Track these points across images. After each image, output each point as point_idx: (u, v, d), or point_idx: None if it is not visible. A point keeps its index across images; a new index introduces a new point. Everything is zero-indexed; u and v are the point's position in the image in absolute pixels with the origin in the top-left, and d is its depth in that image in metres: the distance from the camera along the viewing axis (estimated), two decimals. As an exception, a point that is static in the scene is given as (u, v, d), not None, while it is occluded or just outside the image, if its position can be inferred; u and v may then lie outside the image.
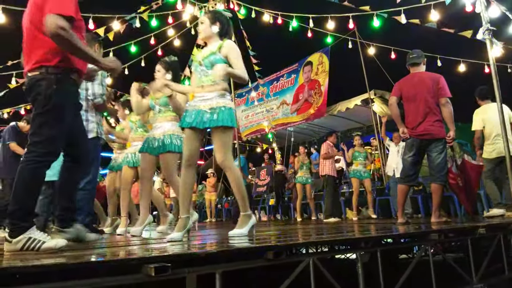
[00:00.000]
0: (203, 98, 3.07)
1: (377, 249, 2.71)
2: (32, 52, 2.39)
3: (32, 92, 2.36)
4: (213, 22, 3.19)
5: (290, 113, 11.82)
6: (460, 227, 3.66)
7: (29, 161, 2.28)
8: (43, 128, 2.32)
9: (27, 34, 2.43)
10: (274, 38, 11.46)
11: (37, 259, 1.81)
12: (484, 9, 4.09)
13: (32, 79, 2.36)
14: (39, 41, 2.36)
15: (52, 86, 2.32)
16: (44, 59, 2.35)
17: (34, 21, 2.36)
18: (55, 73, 2.35)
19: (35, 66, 2.36)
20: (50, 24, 2.20)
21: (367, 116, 10.14)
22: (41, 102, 2.32)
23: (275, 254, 2.10)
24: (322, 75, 10.88)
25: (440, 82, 4.28)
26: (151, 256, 1.80)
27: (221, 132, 3.00)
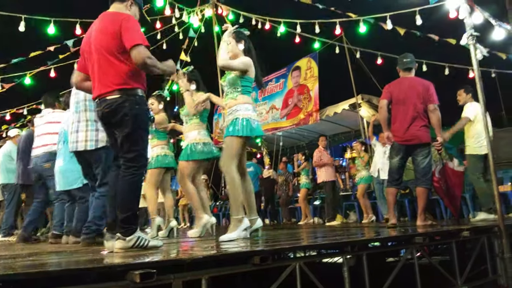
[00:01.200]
0: (228, 113, 3.46)
1: (363, 252, 2.74)
2: (106, 77, 2.63)
3: (117, 114, 2.61)
4: (238, 41, 3.50)
5: (280, 118, 11.85)
6: (444, 230, 3.72)
7: (132, 175, 2.62)
8: (135, 145, 2.66)
9: (98, 60, 2.65)
10: (263, 43, 11.51)
11: (21, 267, 1.79)
12: (468, 16, 4.16)
13: (115, 102, 2.60)
14: (114, 66, 2.62)
15: (135, 107, 2.62)
16: (122, 82, 2.61)
17: (108, 48, 2.61)
18: (133, 95, 2.64)
19: (112, 89, 2.61)
20: (138, 55, 2.52)
21: (355, 121, 10.22)
22: (129, 122, 2.60)
23: (262, 259, 2.11)
24: (311, 80, 10.93)
25: (430, 89, 4.39)
26: (136, 262, 1.80)
27: (227, 140, 3.35)
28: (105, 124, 2.77)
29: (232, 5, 7.96)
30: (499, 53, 6.51)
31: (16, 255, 2.76)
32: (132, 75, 2.64)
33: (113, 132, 2.75)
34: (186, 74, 4.34)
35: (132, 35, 2.57)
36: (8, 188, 6.15)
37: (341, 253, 2.73)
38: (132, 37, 2.56)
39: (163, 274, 1.80)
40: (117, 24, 2.61)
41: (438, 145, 4.48)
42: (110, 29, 2.62)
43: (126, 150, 2.66)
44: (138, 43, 2.54)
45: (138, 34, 2.61)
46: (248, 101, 3.44)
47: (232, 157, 3.30)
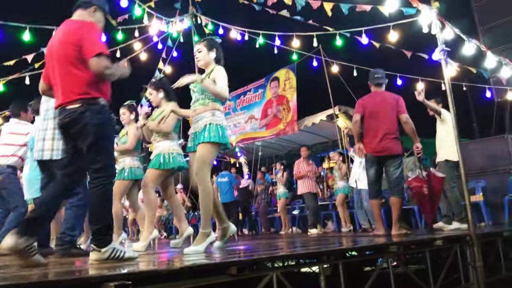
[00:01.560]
0: (195, 120, 3.34)
1: (339, 262, 2.77)
2: (67, 86, 2.60)
3: (77, 124, 2.57)
4: (210, 49, 3.42)
5: (259, 128, 11.91)
6: (418, 239, 3.79)
7: (99, 186, 2.58)
8: (99, 154, 2.60)
9: (59, 69, 2.62)
10: (241, 53, 11.59)
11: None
12: (439, 31, 4.31)
13: (75, 112, 2.56)
14: (74, 75, 2.58)
15: (97, 116, 2.57)
16: (82, 92, 2.57)
17: (68, 57, 2.58)
18: (94, 104, 2.60)
19: (73, 99, 2.57)
20: (96, 66, 2.49)
21: (332, 131, 10.36)
22: (90, 132, 2.55)
23: (239, 269, 2.11)
24: (290, 91, 11.06)
25: (400, 101, 4.64)
26: (111, 274, 1.78)
27: (201, 147, 3.20)
28: (63, 133, 2.72)
29: (211, 16, 8.01)
30: (469, 67, 6.74)
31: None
32: (93, 85, 2.61)
33: (70, 142, 2.69)
34: (153, 83, 4.24)
35: (91, 45, 2.54)
36: None
37: (318, 262, 2.76)
38: (91, 47, 2.53)
39: (138, 286, 1.78)
40: (78, 33, 2.59)
41: (418, 150, 4.65)
42: (71, 38, 2.60)
43: (91, 160, 2.62)
44: (97, 52, 2.51)
45: (98, 44, 2.57)
46: (219, 108, 3.35)
47: (207, 165, 3.19)
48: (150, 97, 4.26)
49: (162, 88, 4.22)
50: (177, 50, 8.74)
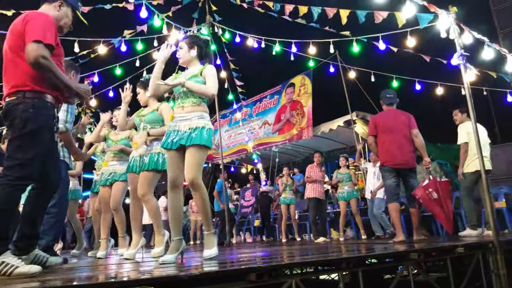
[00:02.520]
0: (182, 118, 3.15)
1: (358, 269, 2.75)
2: (9, 77, 2.43)
3: (9, 116, 2.37)
4: (191, 46, 3.32)
5: (272, 133, 11.93)
6: (439, 246, 3.73)
7: (2, 185, 2.26)
8: (18, 152, 2.32)
9: (5, 60, 2.47)
10: (258, 61, 11.66)
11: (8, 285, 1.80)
12: (458, 36, 4.27)
13: (9, 104, 2.38)
14: (17, 66, 2.40)
15: (28, 110, 2.34)
16: (21, 84, 2.38)
17: (13, 47, 2.42)
18: (31, 98, 2.38)
19: (12, 91, 2.39)
20: (31, 52, 2.27)
21: (350, 137, 10.31)
22: (17, 126, 2.33)
23: (258, 275, 2.12)
24: (305, 96, 11.07)
25: (412, 118, 4.94)
26: (133, 280, 1.81)
27: (196, 150, 3.02)
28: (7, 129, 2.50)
29: (228, 25, 8.11)
30: (490, 72, 6.64)
31: None
32: (33, 77, 2.38)
33: None
34: (142, 82, 4.15)
35: (33, 31, 2.33)
36: None
37: (337, 269, 2.75)
38: (32, 33, 2.32)
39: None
40: (24, 22, 2.40)
41: (427, 164, 4.93)
42: (17, 28, 2.42)
43: (7, 155, 2.35)
44: (35, 39, 2.29)
45: (40, 31, 2.33)
46: (207, 109, 3.23)
47: (201, 169, 3.07)
48: (138, 96, 4.15)
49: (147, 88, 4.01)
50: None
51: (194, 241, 11.26)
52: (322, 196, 7.83)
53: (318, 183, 7.78)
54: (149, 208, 3.89)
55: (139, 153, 4.01)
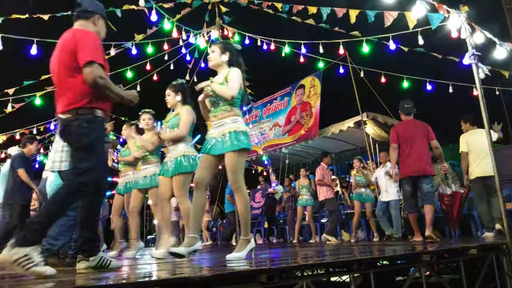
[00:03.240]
0: (217, 125, 3.30)
1: (370, 271, 2.74)
2: (62, 95, 2.61)
3: (65, 132, 2.61)
4: (223, 51, 3.40)
5: (282, 134, 11.93)
6: (451, 248, 3.69)
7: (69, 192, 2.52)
8: (77, 163, 2.57)
9: (58, 78, 2.64)
10: (268, 63, 11.67)
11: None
12: (469, 35, 4.23)
13: (66, 121, 2.58)
14: (69, 84, 2.57)
15: (83, 126, 2.55)
16: (74, 101, 2.56)
17: (63, 65, 2.59)
18: (84, 114, 2.57)
19: (66, 109, 2.57)
20: (89, 75, 2.47)
21: (360, 138, 10.25)
22: (74, 140, 2.58)
23: (268, 277, 2.12)
24: (314, 97, 11.04)
25: (429, 129, 5.28)
26: (144, 281, 1.82)
27: (232, 155, 3.15)
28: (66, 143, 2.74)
29: (237, 27, 8.13)
30: (502, 71, 6.56)
31: (5, 275, 2.76)
32: (88, 94, 2.56)
33: None
34: (173, 85, 4.30)
35: (86, 52, 2.50)
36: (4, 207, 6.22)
37: (349, 271, 2.73)
38: (85, 54, 2.49)
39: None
40: (74, 41, 2.55)
41: (445, 170, 5.54)
42: (68, 47, 2.57)
43: (71, 167, 2.64)
44: (90, 60, 2.47)
45: (92, 52, 2.52)
46: (239, 113, 3.32)
47: (242, 172, 3.19)
48: (167, 98, 4.31)
49: (180, 92, 4.27)
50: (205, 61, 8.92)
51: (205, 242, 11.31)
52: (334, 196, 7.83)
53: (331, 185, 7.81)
54: (182, 209, 4.10)
55: (168, 158, 4.20)
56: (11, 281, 2.36)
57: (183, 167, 4.02)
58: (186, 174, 4.04)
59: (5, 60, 7.14)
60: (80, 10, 2.80)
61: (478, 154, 5.46)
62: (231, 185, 3.19)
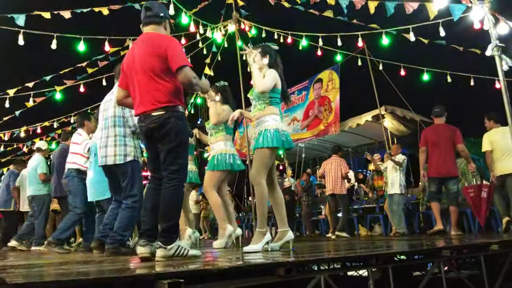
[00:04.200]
0: (256, 124, 3.53)
1: (388, 266, 2.71)
2: (151, 94, 2.81)
3: (162, 128, 2.78)
4: (263, 55, 3.58)
5: (300, 129, 11.86)
6: (472, 243, 3.63)
7: (174, 186, 2.78)
8: (179, 158, 2.83)
9: (144, 80, 2.83)
10: (285, 56, 11.60)
11: (54, 275, 1.86)
12: (492, 26, 4.12)
13: (160, 118, 2.77)
14: (160, 85, 2.80)
15: (178, 123, 2.80)
16: (167, 100, 2.79)
17: (154, 69, 2.80)
18: (176, 111, 2.82)
19: (159, 106, 2.78)
20: (186, 78, 2.74)
21: (378, 132, 10.14)
22: (172, 136, 2.78)
23: (286, 270, 2.13)
24: (332, 91, 10.92)
25: (457, 133, 5.65)
26: (165, 272, 1.84)
27: (257, 152, 3.39)
28: (147, 138, 2.90)
29: (254, 20, 8.09)
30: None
31: (48, 264, 2.86)
32: (175, 93, 2.83)
33: (154, 147, 2.89)
34: (215, 86, 4.54)
35: (177, 57, 2.77)
36: (36, 200, 6.36)
37: (366, 266, 2.71)
38: (178, 60, 2.76)
39: (190, 284, 1.84)
40: (163, 47, 2.79)
41: (473, 170, 5.87)
42: (156, 52, 2.80)
43: (169, 163, 2.81)
44: (183, 64, 2.74)
45: (183, 56, 2.83)
46: (275, 112, 3.49)
47: (262, 169, 3.34)
48: (208, 96, 4.53)
49: (220, 92, 4.54)
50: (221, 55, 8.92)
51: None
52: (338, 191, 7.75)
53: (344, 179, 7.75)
54: (210, 203, 4.46)
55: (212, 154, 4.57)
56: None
57: (219, 164, 4.35)
58: (220, 172, 4.37)
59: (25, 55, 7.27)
60: (152, 15, 2.99)
61: (502, 152, 5.59)
62: (251, 178, 3.40)
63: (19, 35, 5.97)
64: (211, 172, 4.40)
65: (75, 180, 5.09)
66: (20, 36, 5.99)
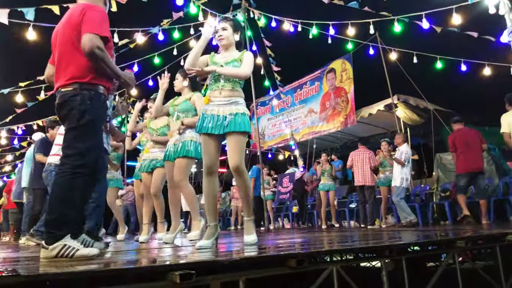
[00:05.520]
0: (221, 102, 3.12)
1: (402, 257, 2.68)
2: (65, 68, 2.50)
3: (65, 107, 2.45)
4: (235, 30, 3.31)
5: (319, 121, 11.78)
6: (488, 234, 3.56)
7: (63, 173, 2.37)
8: (77, 141, 2.42)
9: (60, 51, 2.55)
10: (295, 46, 11.48)
11: (70, 266, 1.87)
12: (508, 11, 4.01)
13: (66, 95, 2.45)
14: (73, 58, 2.48)
15: (86, 102, 2.43)
16: (78, 76, 2.46)
17: (68, 39, 2.50)
18: (88, 89, 2.46)
19: (68, 82, 2.46)
20: (87, 43, 2.35)
21: (391, 122, 10.02)
22: (75, 116, 2.41)
23: (298, 262, 2.10)
24: (347, 82, 10.81)
25: (480, 134, 6.38)
26: (176, 263, 1.84)
27: (239, 136, 3.05)
28: (58, 117, 2.60)
29: (263, 9, 8.00)
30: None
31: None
32: (91, 69, 2.47)
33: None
34: (183, 70, 4.19)
35: (91, 24, 2.42)
36: (29, 191, 6.38)
37: (379, 257, 2.68)
38: (90, 26, 2.41)
39: (202, 275, 1.83)
40: (80, 14, 2.47)
41: None
42: (73, 20, 2.49)
43: (66, 145, 2.45)
44: (92, 31, 2.38)
45: (96, 23, 2.44)
46: (243, 95, 3.22)
47: (244, 153, 3.11)
48: (175, 82, 4.29)
49: (188, 78, 4.19)
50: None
51: (235, 227, 11.41)
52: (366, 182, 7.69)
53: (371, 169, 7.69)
54: (185, 194, 3.99)
55: (173, 141, 4.10)
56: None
57: (189, 151, 3.94)
58: (189, 159, 3.96)
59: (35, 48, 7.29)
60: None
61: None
62: (236, 166, 3.02)
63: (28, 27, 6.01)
64: (183, 160, 3.93)
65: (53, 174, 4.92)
66: (30, 28, 6.02)
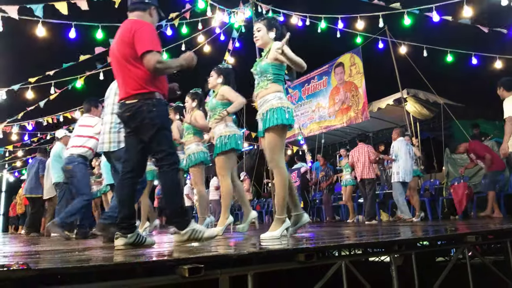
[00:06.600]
0: (259, 104, 3.27)
1: (411, 252, 2.66)
2: (126, 82, 2.76)
3: (136, 119, 2.72)
4: (270, 28, 3.30)
5: (328, 116, 11.71)
6: (498, 228, 3.53)
7: (165, 173, 2.74)
8: (160, 145, 2.75)
9: (119, 67, 2.80)
10: (303, 40, 11.42)
11: (76, 261, 1.89)
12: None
13: (133, 107, 2.71)
14: (131, 73, 2.72)
15: (152, 109, 2.69)
16: (139, 88, 2.71)
17: (124, 56, 2.74)
18: (150, 98, 2.71)
19: (131, 94, 2.72)
20: (148, 63, 2.62)
21: (400, 116, 9.94)
22: (149, 125, 2.69)
23: (307, 256, 2.10)
24: (357, 76, 10.68)
25: None
26: (185, 257, 1.84)
27: (267, 135, 3.15)
28: (126, 126, 2.86)
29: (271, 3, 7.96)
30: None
31: (71, 250, 2.91)
32: (148, 80, 2.72)
33: (132, 135, 2.82)
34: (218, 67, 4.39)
35: (143, 42, 2.66)
36: (60, 186, 6.50)
37: (388, 252, 2.67)
38: (142, 45, 2.65)
39: (210, 269, 1.84)
40: (132, 32, 2.70)
41: None
42: (126, 37, 2.72)
43: (154, 151, 2.78)
44: (147, 49, 2.63)
45: (149, 41, 2.67)
46: (279, 89, 3.22)
47: (279, 150, 3.14)
48: (210, 79, 4.39)
49: (223, 75, 4.33)
50: (240, 40, 8.84)
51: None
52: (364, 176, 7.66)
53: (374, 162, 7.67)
54: (221, 189, 4.33)
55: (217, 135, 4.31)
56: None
57: (223, 146, 4.12)
58: (226, 153, 4.14)
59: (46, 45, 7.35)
60: (137, 1, 2.89)
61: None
62: (269, 163, 3.18)
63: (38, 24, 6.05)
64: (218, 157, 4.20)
65: (81, 165, 5.03)
66: (39, 25, 6.06)
